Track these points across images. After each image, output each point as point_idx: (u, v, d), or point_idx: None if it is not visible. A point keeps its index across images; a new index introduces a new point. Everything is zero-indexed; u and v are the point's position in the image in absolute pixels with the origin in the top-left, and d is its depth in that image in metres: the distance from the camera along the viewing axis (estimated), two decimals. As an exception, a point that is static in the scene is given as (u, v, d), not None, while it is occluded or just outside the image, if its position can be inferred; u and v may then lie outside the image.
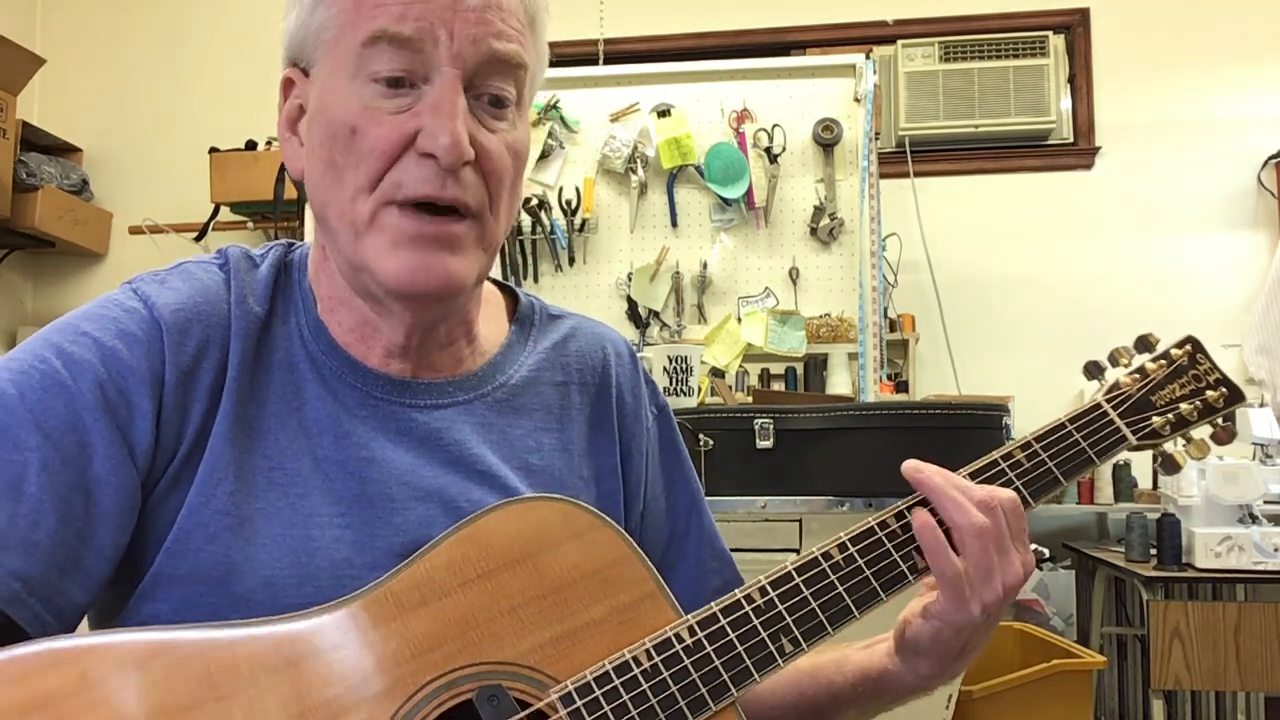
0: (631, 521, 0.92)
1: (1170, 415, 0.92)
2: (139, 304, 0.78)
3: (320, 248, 0.84)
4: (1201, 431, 0.93)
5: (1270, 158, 4.09)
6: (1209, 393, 0.93)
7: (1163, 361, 0.94)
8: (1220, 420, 0.94)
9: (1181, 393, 0.93)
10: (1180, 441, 0.93)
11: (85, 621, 0.77)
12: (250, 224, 4.20)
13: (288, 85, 0.82)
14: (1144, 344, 0.95)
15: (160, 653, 0.67)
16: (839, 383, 3.02)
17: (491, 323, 0.91)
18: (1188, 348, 0.96)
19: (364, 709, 0.68)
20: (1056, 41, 4.23)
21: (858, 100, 3.03)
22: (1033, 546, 0.82)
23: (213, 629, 0.69)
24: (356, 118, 0.75)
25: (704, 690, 0.75)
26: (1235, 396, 0.94)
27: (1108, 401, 0.92)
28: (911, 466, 0.82)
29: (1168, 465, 0.94)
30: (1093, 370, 0.95)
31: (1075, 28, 4.29)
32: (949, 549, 0.79)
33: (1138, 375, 0.93)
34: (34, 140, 4.22)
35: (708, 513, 0.98)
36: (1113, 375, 0.94)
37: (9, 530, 0.69)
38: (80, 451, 0.72)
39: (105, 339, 0.75)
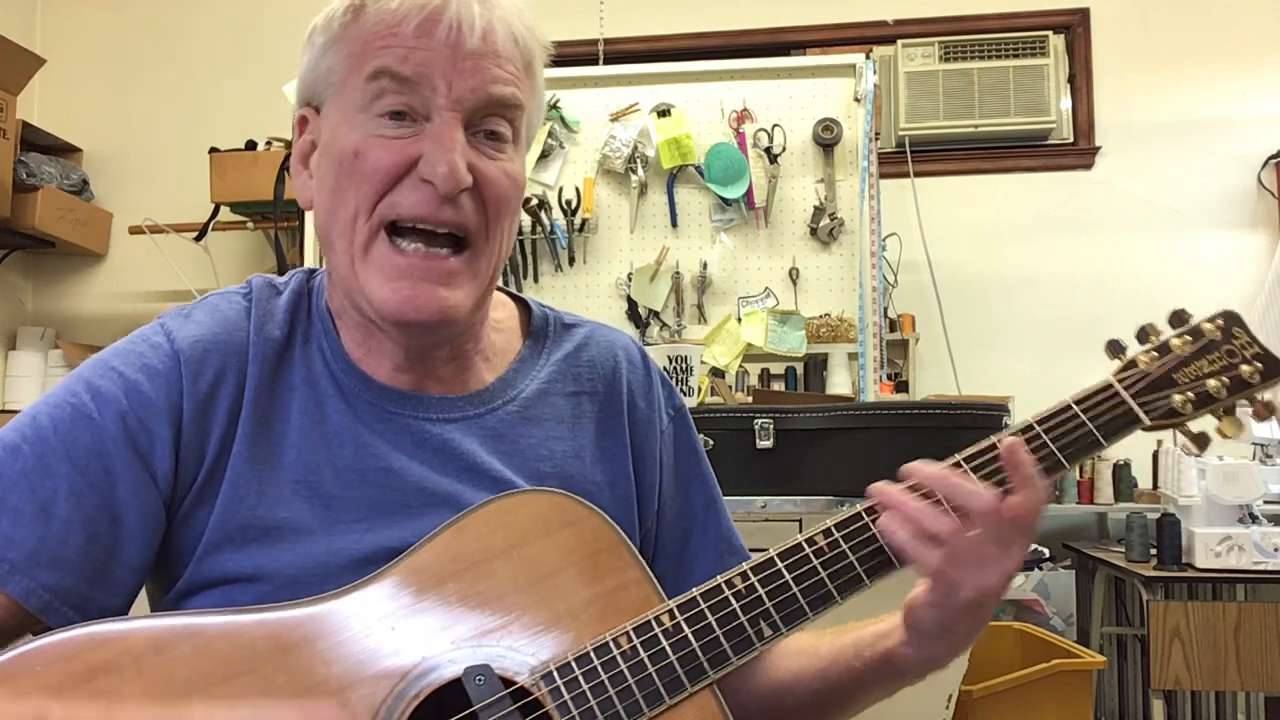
0: (646, 522, 0.96)
1: (1192, 393, 0.84)
2: (163, 339, 0.86)
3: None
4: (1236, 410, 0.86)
5: (1270, 158, 4.09)
6: (1243, 367, 0.85)
7: (1187, 337, 0.86)
8: (1261, 396, 0.85)
9: (1210, 369, 0.85)
10: (1212, 420, 0.86)
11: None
12: (250, 224, 4.19)
13: (301, 123, 0.89)
14: (1179, 319, 0.87)
15: (186, 636, 0.74)
16: (839, 383, 3.02)
17: (505, 335, 0.96)
18: (1220, 321, 0.87)
19: (366, 685, 0.75)
20: (1056, 41, 4.22)
21: (858, 100, 3.03)
22: (1030, 547, 0.82)
23: (236, 614, 0.77)
24: (361, 143, 0.82)
25: (680, 672, 0.77)
26: (1273, 371, 0.85)
27: (1120, 380, 0.85)
28: (907, 473, 0.83)
29: (1198, 443, 0.87)
30: (1115, 348, 0.87)
31: (1075, 28, 4.29)
32: (918, 547, 0.79)
33: (1156, 353, 0.86)
34: (34, 140, 4.21)
35: (725, 510, 1.01)
36: (1133, 353, 0.87)
37: (39, 549, 0.77)
38: (105, 477, 0.80)
39: (130, 373, 0.83)
